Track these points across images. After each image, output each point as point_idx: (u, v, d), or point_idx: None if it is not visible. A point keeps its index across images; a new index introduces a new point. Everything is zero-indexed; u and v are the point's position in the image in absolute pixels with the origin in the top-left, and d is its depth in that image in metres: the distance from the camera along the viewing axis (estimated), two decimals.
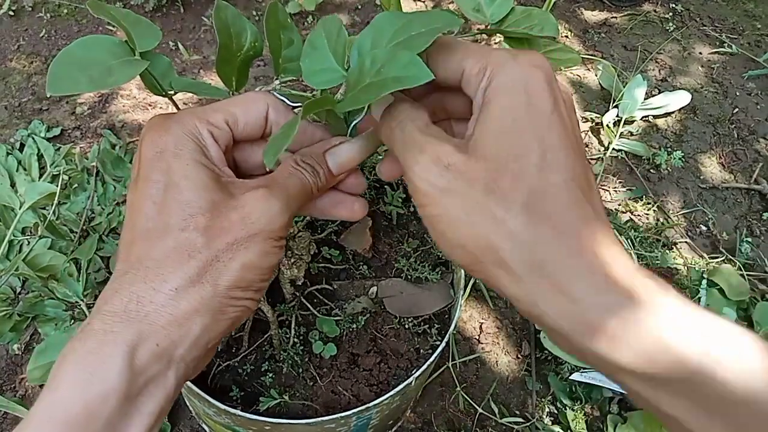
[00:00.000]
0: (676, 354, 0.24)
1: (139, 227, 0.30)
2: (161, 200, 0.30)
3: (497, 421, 0.91)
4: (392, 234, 0.70)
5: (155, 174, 0.30)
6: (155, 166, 0.30)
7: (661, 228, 1.17)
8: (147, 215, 0.30)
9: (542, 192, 0.27)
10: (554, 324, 0.27)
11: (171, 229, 0.29)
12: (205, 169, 0.31)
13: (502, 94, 0.28)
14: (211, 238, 0.30)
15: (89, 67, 0.31)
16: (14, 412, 0.81)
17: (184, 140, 0.31)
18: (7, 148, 1.17)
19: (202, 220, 0.30)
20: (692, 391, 0.24)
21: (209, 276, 0.29)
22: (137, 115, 1.29)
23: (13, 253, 1.00)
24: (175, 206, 0.30)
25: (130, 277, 0.29)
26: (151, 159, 0.31)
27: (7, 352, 0.95)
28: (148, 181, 0.30)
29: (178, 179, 0.30)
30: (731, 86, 1.46)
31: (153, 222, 0.30)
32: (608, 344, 0.26)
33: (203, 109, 0.33)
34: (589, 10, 1.63)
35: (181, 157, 0.31)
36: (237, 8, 0.36)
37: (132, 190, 0.31)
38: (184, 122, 0.32)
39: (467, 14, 0.49)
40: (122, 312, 0.28)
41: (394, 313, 0.63)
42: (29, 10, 1.50)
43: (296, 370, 0.60)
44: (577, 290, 0.26)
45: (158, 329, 0.28)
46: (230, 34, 0.35)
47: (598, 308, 0.26)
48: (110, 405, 0.26)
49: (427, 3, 1.60)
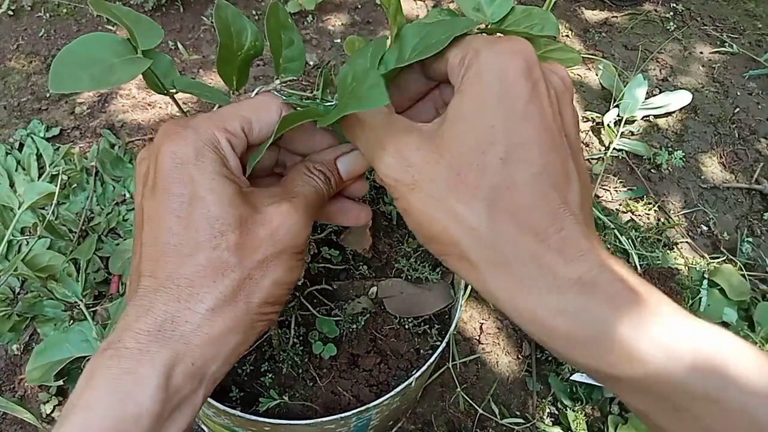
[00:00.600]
0: (629, 351, 0.24)
1: (164, 242, 0.29)
2: (187, 215, 0.29)
3: (498, 421, 0.91)
4: (392, 234, 0.70)
5: (177, 186, 0.29)
6: (176, 177, 0.29)
7: (661, 228, 1.17)
8: (171, 230, 0.29)
9: (506, 187, 0.26)
10: (518, 321, 0.27)
11: (201, 246, 0.29)
12: (228, 181, 0.30)
13: (475, 83, 0.28)
14: (243, 257, 0.29)
15: (91, 65, 0.30)
16: (13, 412, 0.81)
17: (205, 150, 0.30)
18: (6, 148, 1.17)
19: (232, 238, 0.29)
20: (648, 386, 0.25)
21: (242, 294, 0.29)
22: (137, 114, 1.29)
23: (12, 253, 1.00)
24: (204, 222, 0.29)
25: (162, 295, 0.28)
26: (171, 170, 0.29)
27: (6, 353, 0.95)
28: (169, 193, 0.29)
29: (203, 193, 0.29)
30: (732, 86, 1.46)
31: (180, 238, 0.29)
32: (564, 345, 0.26)
33: (219, 115, 0.32)
34: (590, 10, 1.63)
35: (204, 169, 0.30)
36: (237, 8, 0.36)
37: (149, 200, 0.30)
38: (202, 131, 0.31)
39: (467, 14, 0.49)
40: (157, 331, 0.27)
41: (394, 313, 0.63)
42: (28, 10, 1.49)
43: (296, 371, 0.60)
44: (536, 291, 0.26)
45: (194, 348, 0.28)
46: (231, 33, 0.35)
47: (553, 310, 0.26)
48: (142, 426, 0.26)
49: (427, 2, 1.60)
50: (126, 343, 0.27)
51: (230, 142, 0.32)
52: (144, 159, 0.32)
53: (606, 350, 0.25)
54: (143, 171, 0.31)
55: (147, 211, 0.30)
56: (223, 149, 0.31)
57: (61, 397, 0.91)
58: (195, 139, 0.30)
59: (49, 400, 0.90)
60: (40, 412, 0.90)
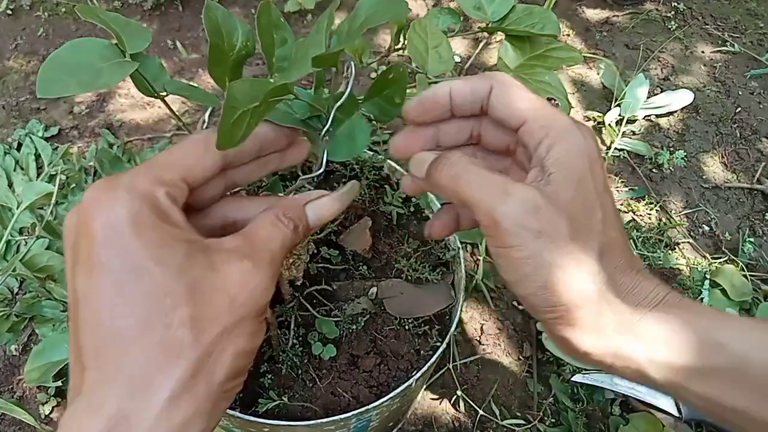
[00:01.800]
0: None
1: (107, 327, 0.25)
2: (130, 291, 0.25)
3: (498, 423, 0.91)
4: (392, 234, 0.69)
5: (114, 259, 0.25)
6: (112, 250, 0.26)
7: (663, 228, 1.17)
8: (113, 311, 0.25)
9: (608, 244, 0.31)
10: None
11: (152, 326, 0.25)
12: (174, 244, 0.27)
13: (572, 156, 0.32)
14: (199, 332, 0.26)
15: (78, 70, 0.31)
16: (12, 413, 0.80)
17: (142, 212, 0.26)
18: (5, 148, 1.16)
19: (186, 312, 0.26)
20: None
21: (202, 375, 0.26)
22: (135, 114, 1.29)
23: (10, 254, 1.00)
24: (150, 298, 0.25)
25: (113, 389, 0.25)
26: (104, 241, 0.26)
27: (5, 353, 0.95)
28: (105, 268, 0.25)
29: (146, 264, 0.26)
30: (734, 85, 1.45)
31: (124, 320, 0.25)
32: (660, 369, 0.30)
33: (151, 166, 0.28)
34: (591, 9, 1.62)
35: (143, 236, 0.26)
36: (236, 7, 0.36)
37: (82, 279, 0.26)
38: (134, 188, 0.27)
39: (468, 12, 0.49)
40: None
41: (394, 314, 0.63)
42: (27, 9, 1.49)
43: (295, 372, 0.59)
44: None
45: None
46: (221, 33, 0.35)
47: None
48: None
49: (427, 1, 1.60)
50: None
51: (169, 195, 0.28)
52: (71, 228, 0.27)
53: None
54: (71, 242, 0.27)
55: (82, 291, 0.26)
56: (162, 205, 0.27)
57: (59, 398, 0.91)
58: (128, 201, 0.26)
59: (47, 401, 0.90)
60: (38, 412, 0.90)
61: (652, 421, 0.84)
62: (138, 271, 0.25)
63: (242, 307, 0.27)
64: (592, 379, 0.87)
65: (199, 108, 1.30)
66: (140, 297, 0.25)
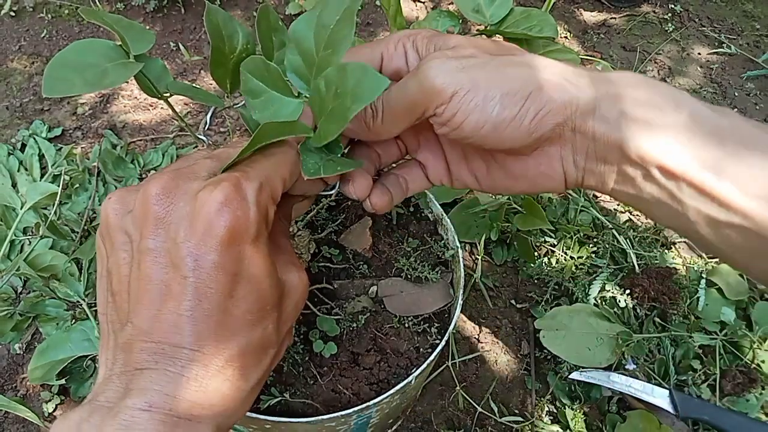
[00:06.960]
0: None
1: (215, 320, 0.28)
2: (241, 296, 0.29)
3: (497, 420, 0.91)
4: (392, 234, 0.70)
5: (230, 264, 0.28)
6: (230, 255, 0.28)
7: (659, 227, 1.18)
8: (222, 307, 0.28)
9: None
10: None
11: (254, 328, 0.29)
12: (271, 259, 0.30)
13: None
14: (279, 333, 0.32)
15: (84, 69, 0.31)
16: (15, 411, 0.81)
17: (262, 229, 0.29)
18: (9, 149, 1.17)
19: (275, 317, 0.31)
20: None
21: (271, 365, 0.32)
22: (138, 115, 1.29)
23: (14, 253, 1.00)
24: (256, 304, 0.29)
25: (217, 373, 0.28)
26: (227, 248, 0.28)
27: (9, 352, 0.96)
28: (222, 271, 0.28)
29: (258, 274, 0.29)
30: (730, 87, 1.46)
31: (234, 320, 0.29)
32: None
33: (270, 182, 0.30)
34: (588, 11, 1.64)
35: (261, 251, 0.29)
36: (236, 9, 0.37)
37: (197, 272, 0.27)
38: (260, 205, 0.29)
39: (467, 15, 0.50)
40: (210, 405, 0.28)
41: (394, 312, 0.64)
42: (30, 11, 1.50)
43: (297, 369, 0.60)
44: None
45: (234, 415, 0.30)
46: (222, 36, 0.36)
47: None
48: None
49: (426, 4, 1.61)
50: (180, 412, 0.27)
51: (274, 207, 0.31)
52: (192, 218, 0.28)
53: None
54: (196, 241, 0.28)
55: (196, 282, 0.28)
56: (270, 217, 0.30)
57: (63, 396, 0.92)
58: (256, 217, 0.28)
59: (51, 399, 0.91)
60: (42, 411, 0.90)
61: (649, 418, 0.85)
62: (248, 278, 0.29)
63: (298, 310, 0.33)
64: (589, 377, 0.88)
65: (201, 110, 1.31)
66: (247, 302, 0.29)
